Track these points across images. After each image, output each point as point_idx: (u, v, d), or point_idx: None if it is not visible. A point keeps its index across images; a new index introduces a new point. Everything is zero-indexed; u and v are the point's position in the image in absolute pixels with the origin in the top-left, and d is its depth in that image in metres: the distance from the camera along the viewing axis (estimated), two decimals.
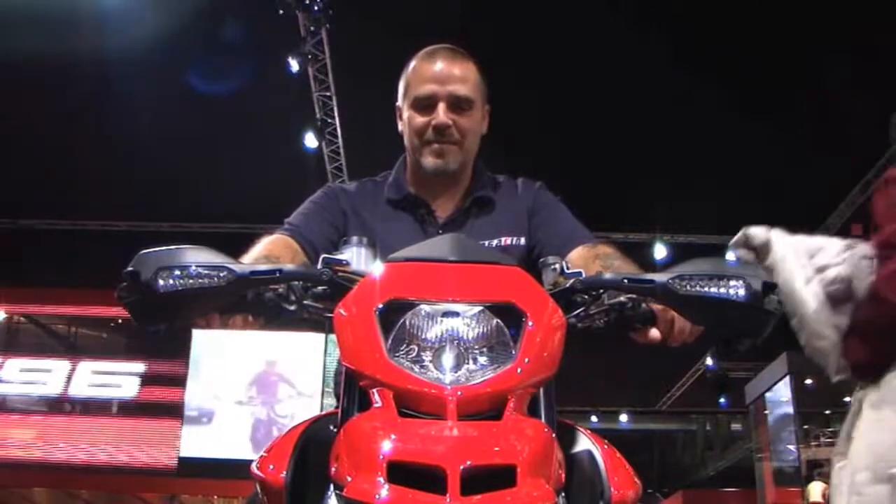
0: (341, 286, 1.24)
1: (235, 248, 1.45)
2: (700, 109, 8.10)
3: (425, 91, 1.78)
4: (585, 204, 1.99)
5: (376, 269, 1.21)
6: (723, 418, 18.35)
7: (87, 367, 11.22)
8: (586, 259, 1.63)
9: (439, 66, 1.79)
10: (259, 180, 8.84)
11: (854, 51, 7.42)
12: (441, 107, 1.76)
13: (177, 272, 1.20)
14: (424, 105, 1.78)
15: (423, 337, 1.08)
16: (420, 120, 1.79)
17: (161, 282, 1.19)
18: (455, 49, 1.84)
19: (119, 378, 11.16)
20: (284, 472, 1.11)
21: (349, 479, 0.98)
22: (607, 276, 1.29)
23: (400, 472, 0.94)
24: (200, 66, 7.87)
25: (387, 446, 0.96)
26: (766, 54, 7.62)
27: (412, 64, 1.84)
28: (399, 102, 1.87)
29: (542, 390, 1.14)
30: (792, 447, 10.74)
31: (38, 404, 11.25)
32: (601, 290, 1.31)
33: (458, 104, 1.78)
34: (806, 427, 11.02)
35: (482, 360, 1.07)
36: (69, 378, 11.10)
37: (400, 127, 1.88)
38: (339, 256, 1.34)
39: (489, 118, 1.90)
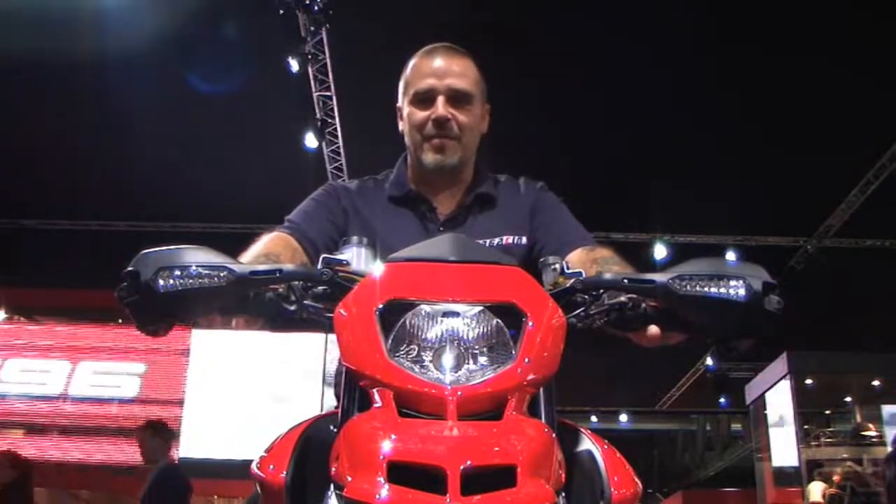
0: (341, 286, 1.24)
1: (235, 248, 1.45)
2: (700, 109, 8.09)
3: (424, 85, 1.79)
4: (585, 204, 1.99)
5: (376, 269, 1.20)
6: (723, 418, 18.34)
7: (87, 367, 11.21)
8: (584, 262, 1.62)
9: (438, 61, 1.80)
10: (259, 180, 8.82)
11: (853, 51, 7.42)
12: (440, 100, 1.77)
13: (177, 272, 1.20)
14: (423, 99, 1.79)
15: (424, 337, 1.07)
16: (420, 115, 1.79)
17: (161, 282, 1.19)
18: (453, 47, 1.85)
19: (119, 378, 11.15)
20: (284, 472, 1.11)
21: (349, 479, 0.98)
22: (607, 276, 1.29)
23: (400, 472, 0.94)
24: (200, 66, 7.85)
25: (387, 446, 0.96)
26: (766, 54, 7.62)
27: (411, 62, 1.85)
28: (399, 102, 1.87)
29: (542, 390, 1.14)
30: (792, 447, 10.73)
31: (38, 404, 11.24)
32: (601, 291, 1.31)
33: (456, 98, 1.78)
34: (806, 427, 11.02)
35: (482, 360, 1.07)
36: (69, 378, 11.10)
37: (401, 127, 1.88)
38: (339, 256, 1.34)
39: (490, 118, 1.90)
